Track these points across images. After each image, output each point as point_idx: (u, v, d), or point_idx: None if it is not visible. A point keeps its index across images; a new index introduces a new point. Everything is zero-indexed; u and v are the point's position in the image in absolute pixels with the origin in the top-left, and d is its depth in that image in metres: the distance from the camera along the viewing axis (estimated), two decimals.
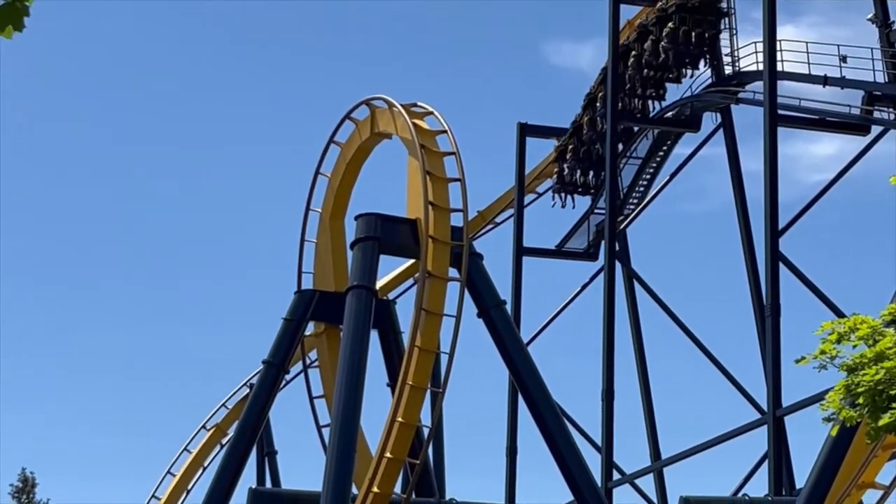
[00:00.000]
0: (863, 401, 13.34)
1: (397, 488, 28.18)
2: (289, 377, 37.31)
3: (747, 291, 40.53)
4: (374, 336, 30.24)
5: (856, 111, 37.12)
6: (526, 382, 29.83)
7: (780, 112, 36.00)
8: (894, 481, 25.56)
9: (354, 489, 27.75)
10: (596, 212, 45.32)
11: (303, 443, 49.97)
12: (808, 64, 36.82)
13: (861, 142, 38.23)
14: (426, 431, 28.58)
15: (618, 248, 42.25)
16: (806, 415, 32.81)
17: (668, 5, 40.89)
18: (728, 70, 40.90)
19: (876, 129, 37.72)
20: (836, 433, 15.89)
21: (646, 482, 42.32)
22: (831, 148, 72.57)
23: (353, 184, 32.76)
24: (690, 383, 68.47)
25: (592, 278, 44.18)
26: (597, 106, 43.88)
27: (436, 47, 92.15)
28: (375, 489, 26.98)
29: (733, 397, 40.60)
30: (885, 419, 13.15)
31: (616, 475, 39.48)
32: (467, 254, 28.76)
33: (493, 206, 46.34)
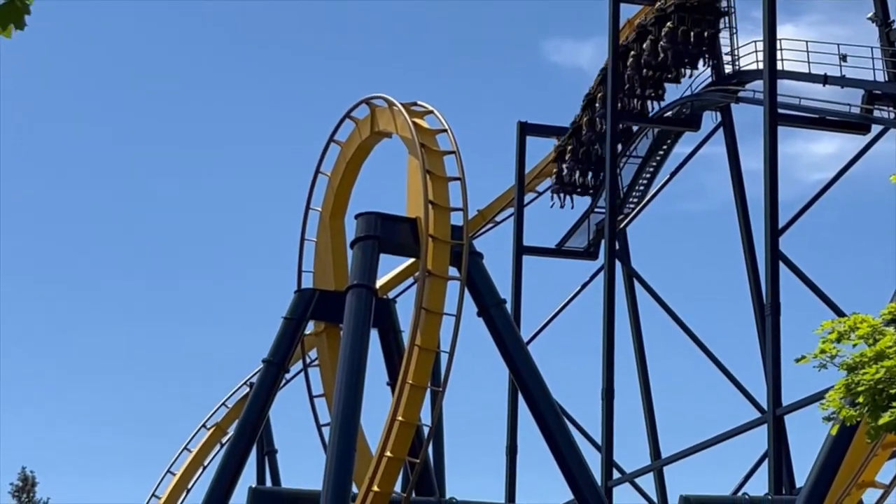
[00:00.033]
0: (863, 400, 13.34)
1: (397, 487, 28.19)
2: (289, 376, 37.29)
3: (747, 290, 40.54)
4: (374, 335, 30.23)
5: (856, 110, 37.12)
6: (526, 381, 29.82)
7: (780, 111, 35.99)
8: (894, 480, 25.55)
9: (354, 488, 27.75)
10: (596, 211, 45.30)
11: (303, 442, 49.97)
12: (808, 63, 36.83)
13: (861, 141, 38.25)
14: (426, 430, 28.56)
15: (618, 247, 42.24)
16: (806, 414, 32.84)
17: (666, 5, 40.86)
18: (728, 69, 40.90)
19: (876, 128, 37.72)
20: (836, 432, 15.89)
21: (646, 481, 42.36)
22: (831, 147, 72.63)
23: (353, 183, 32.75)
24: (690, 382, 68.55)
25: (592, 277, 44.17)
26: (596, 106, 43.87)
27: (436, 46, 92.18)
28: (375, 488, 26.98)
29: (733, 396, 40.64)
30: (886, 418, 13.15)
31: (616, 474, 39.47)
32: (467, 253, 28.74)
33: (493, 205, 46.33)
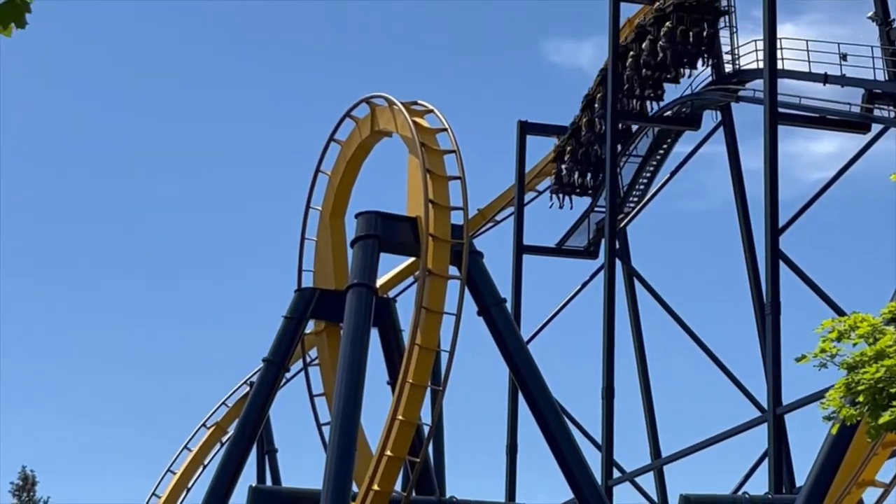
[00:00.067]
0: (863, 399, 13.34)
1: (397, 486, 28.19)
2: (289, 375, 37.30)
3: (747, 289, 40.52)
4: (375, 334, 30.23)
5: (856, 109, 37.12)
6: (526, 380, 29.82)
7: (780, 110, 36.00)
8: (894, 479, 25.54)
9: (355, 487, 27.75)
10: (596, 210, 45.30)
11: (303, 441, 50.02)
12: (809, 62, 36.83)
13: (861, 140, 38.24)
14: (426, 429, 28.55)
15: (618, 246, 42.23)
16: (806, 413, 32.85)
17: (665, 5, 40.88)
18: (728, 68, 40.90)
19: (876, 128, 37.71)
20: (837, 431, 15.89)
21: (646, 480, 42.36)
22: (831, 146, 72.59)
23: (353, 182, 32.75)
24: (691, 381, 68.52)
25: (592, 276, 44.17)
26: (595, 107, 43.87)
27: (436, 46, 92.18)
28: (376, 487, 26.97)
29: (733, 395, 40.63)
30: (886, 417, 13.15)
31: (616, 473, 39.47)
32: (467, 252, 28.74)
33: (493, 204, 46.33)
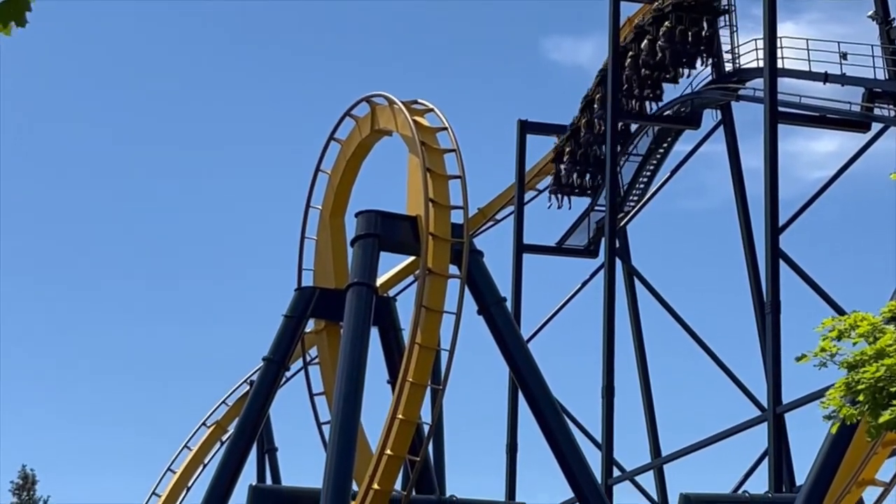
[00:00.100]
0: (863, 398, 13.34)
1: (397, 485, 28.19)
2: (289, 374, 37.33)
3: (747, 288, 40.50)
4: (375, 333, 30.22)
5: (856, 108, 37.11)
6: (526, 379, 29.82)
7: (780, 109, 35.99)
8: (894, 478, 25.54)
9: (355, 486, 27.75)
10: (596, 209, 45.29)
11: (303, 440, 49.95)
12: (809, 61, 36.82)
13: (861, 139, 38.22)
14: (426, 428, 28.55)
15: (618, 245, 42.22)
16: (806, 412, 32.85)
17: (664, 5, 40.91)
18: (728, 67, 40.89)
19: (876, 126, 37.70)
20: (837, 430, 15.89)
21: (646, 479, 42.36)
22: (832, 145, 72.55)
23: (353, 181, 32.75)
24: (691, 380, 68.53)
25: (593, 275, 44.15)
26: (594, 108, 43.87)
27: (436, 45, 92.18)
28: (376, 486, 26.97)
29: (733, 394, 40.61)
30: (886, 416, 13.15)
31: (616, 472, 39.47)
32: (467, 251, 28.73)
33: (493, 203, 46.33)
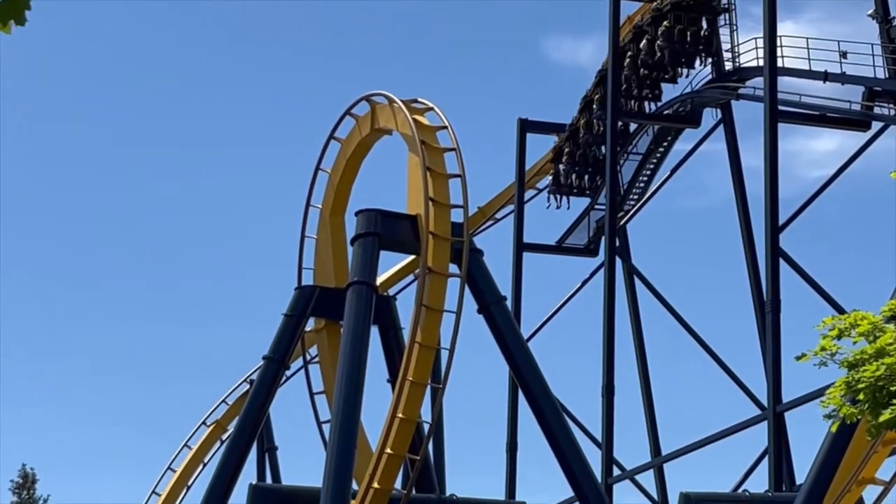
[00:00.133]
0: (863, 397, 13.34)
1: (397, 484, 28.20)
2: (289, 373, 37.36)
3: (747, 287, 40.48)
4: (375, 332, 30.23)
5: (856, 107, 37.09)
6: (526, 378, 29.82)
7: (780, 108, 35.99)
8: (894, 477, 25.55)
9: (355, 485, 27.76)
10: (596, 208, 45.29)
11: (303, 439, 49.91)
12: (809, 60, 36.80)
13: (861, 137, 38.21)
14: (426, 427, 28.57)
15: (618, 244, 42.21)
16: (806, 410, 32.84)
17: (663, 5, 40.93)
18: (728, 66, 40.87)
19: (876, 125, 37.68)
20: (837, 429, 15.89)
21: (646, 478, 42.36)
22: (831, 144, 72.55)
23: (353, 180, 32.76)
24: (691, 379, 68.47)
25: (593, 274, 44.15)
26: (593, 108, 43.87)
27: (436, 44, 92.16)
28: (376, 485, 26.98)
29: (733, 393, 40.59)
30: (886, 415, 13.16)
31: (616, 471, 39.46)
32: (467, 250, 28.73)
33: (493, 202, 46.32)
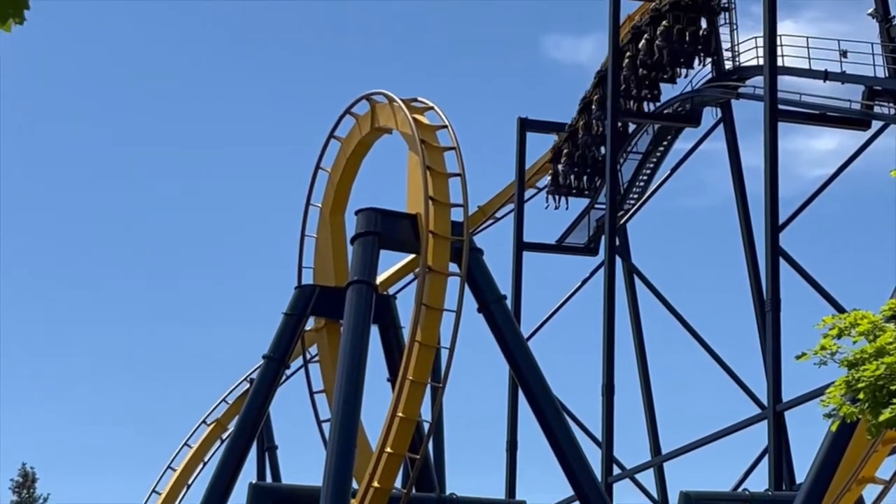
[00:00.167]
0: (863, 396, 13.34)
1: (398, 483, 28.19)
2: (289, 372, 37.37)
3: (747, 286, 40.47)
4: (375, 331, 30.22)
5: (856, 106, 37.08)
6: (526, 377, 29.82)
7: (780, 107, 35.99)
8: (894, 476, 25.55)
9: (355, 484, 27.76)
10: (596, 207, 45.30)
11: (303, 438, 49.90)
12: (809, 59, 36.80)
13: (861, 137, 38.21)
14: (426, 426, 28.57)
15: (618, 243, 42.20)
16: (806, 409, 32.85)
17: (661, 5, 40.94)
18: (728, 65, 40.87)
19: (876, 124, 37.68)
20: (837, 428, 15.89)
21: (646, 477, 42.37)
22: (832, 143, 72.59)
23: (353, 179, 32.76)
24: (691, 378, 68.40)
25: (592, 273, 44.16)
26: (592, 109, 43.88)
27: (436, 43, 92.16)
28: (376, 484, 26.98)
29: (733, 392, 40.58)
30: (886, 414, 13.16)
31: (616, 470, 39.46)
32: (467, 249, 28.73)
33: (493, 201, 46.33)
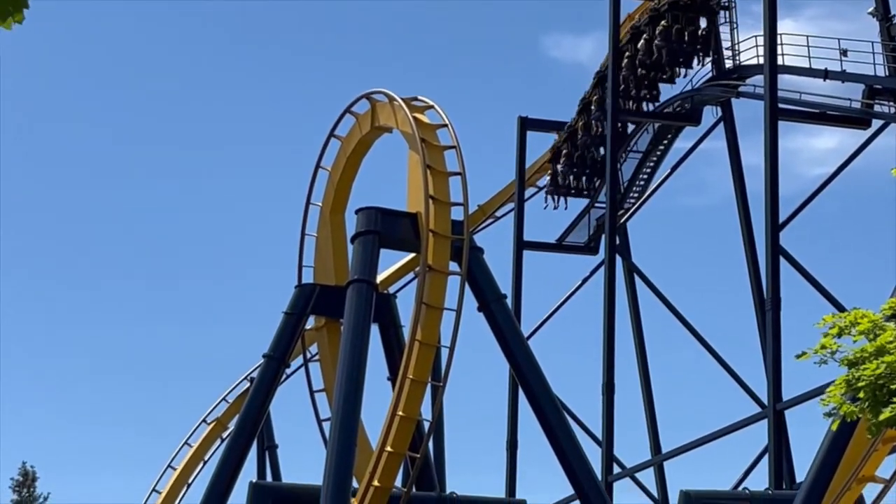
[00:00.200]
0: (863, 395, 13.34)
1: (398, 482, 28.19)
2: (289, 371, 37.36)
3: (748, 285, 40.46)
4: (375, 330, 30.22)
5: (856, 105, 37.07)
6: (526, 376, 29.82)
7: (780, 106, 35.97)
8: (894, 475, 25.55)
9: (355, 483, 27.76)
10: (596, 206, 45.29)
11: (303, 437, 49.90)
12: (809, 58, 36.79)
13: (861, 135, 38.20)
14: (426, 425, 28.57)
15: (618, 242, 42.20)
16: (806, 408, 32.85)
17: (660, 4, 40.93)
18: (728, 64, 40.85)
19: (876, 123, 37.67)
20: (837, 427, 15.89)
21: (646, 476, 42.34)
22: (832, 142, 72.53)
23: (353, 178, 32.75)
24: (691, 377, 68.56)
25: (593, 272, 44.13)
26: (591, 110, 43.87)
27: (436, 42, 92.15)
28: (376, 483, 26.98)
29: (733, 391, 40.58)
30: (886, 413, 13.16)
31: (616, 469, 39.45)
32: (468, 248, 28.73)
33: (493, 200, 46.31)
